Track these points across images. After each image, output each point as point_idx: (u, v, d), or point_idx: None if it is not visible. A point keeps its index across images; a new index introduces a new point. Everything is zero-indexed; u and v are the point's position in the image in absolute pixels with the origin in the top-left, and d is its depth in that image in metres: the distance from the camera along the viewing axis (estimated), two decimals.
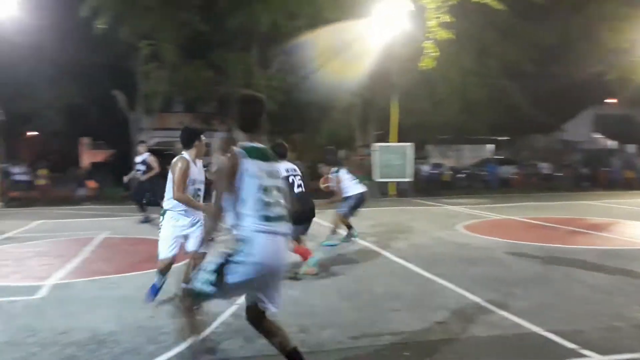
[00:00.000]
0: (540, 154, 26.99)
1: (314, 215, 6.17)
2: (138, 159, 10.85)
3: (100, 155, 25.83)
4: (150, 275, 6.02)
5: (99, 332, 4.15)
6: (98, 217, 12.02)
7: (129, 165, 16.97)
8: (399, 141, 17.87)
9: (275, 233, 2.90)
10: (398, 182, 18.24)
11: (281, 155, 5.89)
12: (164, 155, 18.47)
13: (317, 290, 5.40)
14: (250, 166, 2.90)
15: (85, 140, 31.81)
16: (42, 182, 17.43)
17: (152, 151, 18.53)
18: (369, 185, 17.08)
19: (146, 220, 10.33)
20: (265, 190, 2.91)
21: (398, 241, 8.36)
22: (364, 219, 8.27)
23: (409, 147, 17.80)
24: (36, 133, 30.49)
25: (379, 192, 17.88)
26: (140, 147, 11.05)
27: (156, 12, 14.79)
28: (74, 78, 17.82)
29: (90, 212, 13.34)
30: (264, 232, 2.87)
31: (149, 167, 10.46)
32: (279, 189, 3.02)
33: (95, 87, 18.41)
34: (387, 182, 18.12)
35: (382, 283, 5.67)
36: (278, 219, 2.93)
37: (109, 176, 17.89)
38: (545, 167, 23.85)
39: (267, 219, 2.88)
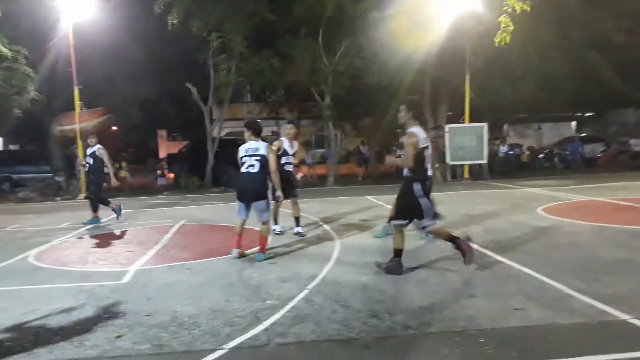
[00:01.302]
0: (631, 130, 24.95)
1: (254, 199, 6.11)
2: (88, 151, 9.91)
3: (176, 147, 27.01)
4: (223, 261, 6.26)
5: (179, 314, 4.35)
6: (175, 206, 12.59)
7: (204, 156, 17.76)
8: (472, 122, 17.22)
9: None
10: (472, 165, 17.61)
11: (255, 133, 6.23)
12: (237, 145, 19.14)
13: (387, 276, 5.33)
14: None
15: (162, 133, 33.38)
16: (123, 173, 18.59)
17: (224, 141, 19.24)
18: (441, 169, 16.82)
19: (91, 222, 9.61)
20: None
21: (472, 226, 8.06)
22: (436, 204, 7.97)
23: (483, 127, 17.10)
24: (117, 128, 32.39)
25: (451, 176, 17.39)
26: (91, 139, 9.92)
27: (225, 5, 15.11)
28: (149, 73, 18.69)
29: (168, 201, 14.00)
30: None
31: (97, 161, 9.64)
32: None
33: (169, 81, 19.22)
34: (460, 165, 17.55)
35: (456, 269, 5.49)
36: None
37: (184, 166, 18.70)
38: (636, 144, 22.03)
39: None
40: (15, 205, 14.85)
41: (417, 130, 5.19)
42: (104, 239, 8.20)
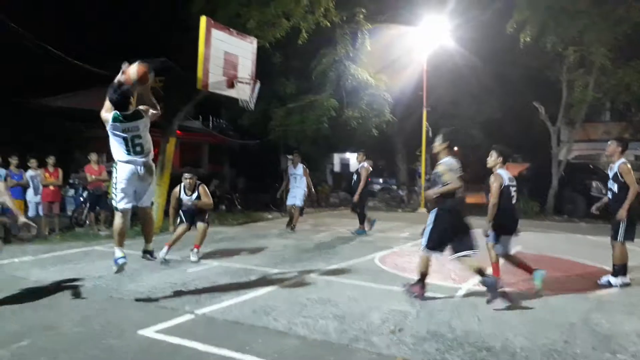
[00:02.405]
0: None
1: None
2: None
3: (516, 168, 26.12)
4: (565, 298, 5.57)
5: (509, 344, 4.07)
6: None
7: (547, 180, 16.47)
8: None
9: None
10: None
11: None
12: (588, 170, 17.16)
13: None
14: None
15: None
16: None
17: (572, 165, 17.42)
18: None
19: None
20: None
21: None
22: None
23: None
24: (457, 148, 33.51)
25: None
26: (360, 156, 10.90)
27: (586, 14, 13.63)
28: (494, 93, 18.62)
29: None
30: None
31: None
32: None
33: (514, 101, 18.70)
34: None
35: None
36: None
37: (523, 190, 17.78)
38: None
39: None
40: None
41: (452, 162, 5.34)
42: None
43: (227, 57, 9.71)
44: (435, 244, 5.28)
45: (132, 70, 4.88)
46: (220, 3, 12.27)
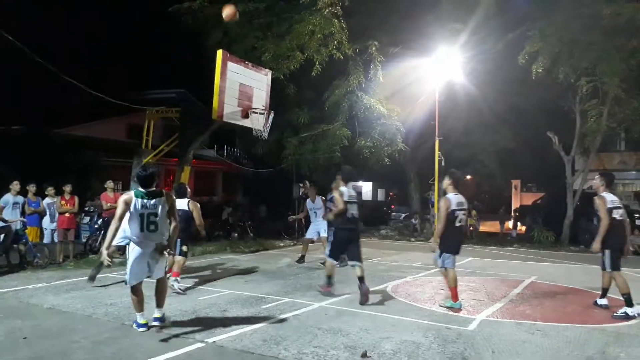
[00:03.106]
0: None
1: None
2: (329, 196, 10.90)
3: (530, 198, 25.93)
4: (581, 330, 5.45)
5: None
6: (525, 261, 11.91)
7: (562, 209, 16.28)
8: None
9: None
10: None
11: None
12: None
13: None
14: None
15: (515, 183, 32.64)
16: (471, 222, 18.85)
17: (587, 194, 17.23)
18: None
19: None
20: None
21: None
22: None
23: None
24: (470, 177, 33.40)
25: None
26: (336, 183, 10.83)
27: (599, 46, 13.67)
28: (508, 123, 18.61)
29: (519, 254, 13.37)
30: None
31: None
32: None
33: (528, 130, 18.67)
34: None
35: None
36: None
37: (537, 220, 17.57)
38: None
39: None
40: (378, 241, 17.01)
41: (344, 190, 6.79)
42: None
43: (242, 88, 9.92)
44: (334, 254, 6.85)
45: None
46: (237, 37, 12.58)
